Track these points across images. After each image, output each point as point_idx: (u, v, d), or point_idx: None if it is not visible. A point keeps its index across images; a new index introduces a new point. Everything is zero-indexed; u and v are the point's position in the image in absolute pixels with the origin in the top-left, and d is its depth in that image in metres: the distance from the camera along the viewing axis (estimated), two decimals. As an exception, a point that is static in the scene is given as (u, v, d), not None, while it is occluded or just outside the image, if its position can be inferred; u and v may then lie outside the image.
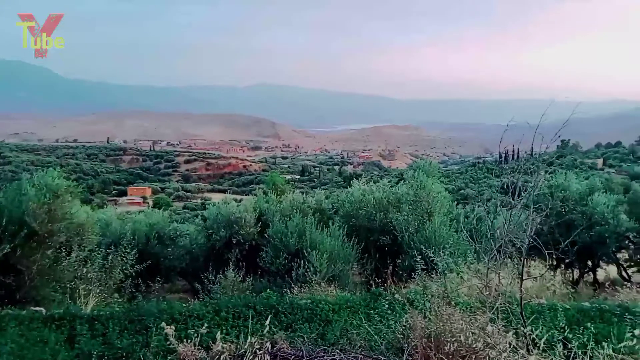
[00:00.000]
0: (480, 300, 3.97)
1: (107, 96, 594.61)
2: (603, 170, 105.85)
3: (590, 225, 10.82)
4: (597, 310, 6.40)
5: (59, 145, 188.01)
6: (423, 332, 3.33)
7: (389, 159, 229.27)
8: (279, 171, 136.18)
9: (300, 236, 10.01)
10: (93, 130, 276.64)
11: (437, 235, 9.50)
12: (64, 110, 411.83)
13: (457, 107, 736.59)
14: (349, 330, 4.24)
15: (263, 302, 6.05)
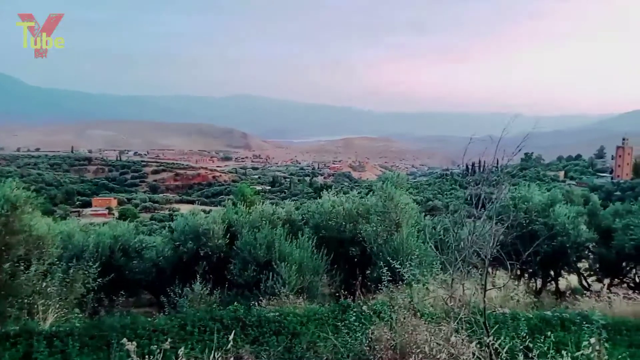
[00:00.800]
0: (445, 310, 4.02)
1: (74, 104, 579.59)
2: (564, 182, 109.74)
3: (552, 235, 11.12)
4: (558, 318, 6.58)
5: (20, 155, 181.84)
6: (388, 343, 3.35)
7: (359, 170, 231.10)
8: (249, 182, 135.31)
9: (269, 248, 9.92)
10: (57, 139, 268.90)
11: (404, 246, 9.60)
12: (27, 118, 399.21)
13: (426, 119, 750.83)
14: (316, 343, 4.22)
15: (230, 315, 5.97)
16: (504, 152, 4.25)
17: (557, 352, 3.46)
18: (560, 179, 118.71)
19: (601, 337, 3.63)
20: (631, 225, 10.77)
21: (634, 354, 5.66)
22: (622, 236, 10.94)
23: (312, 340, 4.62)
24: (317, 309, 6.35)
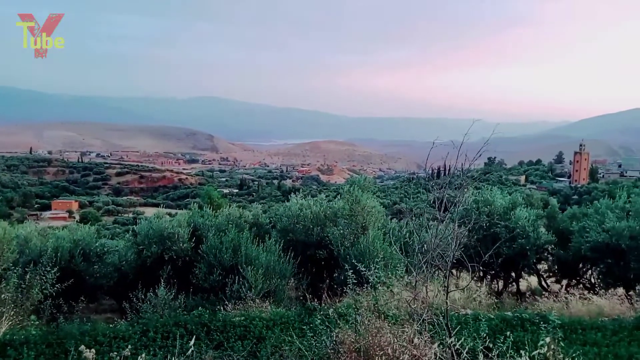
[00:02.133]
0: (409, 312, 4.08)
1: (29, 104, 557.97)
2: (525, 186, 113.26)
3: (513, 238, 11.44)
4: (518, 319, 6.78)
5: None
6: (352, 346, 3.37)
7: (328, 173, 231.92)
8: (216, 185, 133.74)
9: (235, 251, 9.82)
10: (14, 140, 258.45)
11: (371, 249, 9.68)
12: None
13: (392, 124, 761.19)
14: (281, 347, 4.21)
15: (195, 321, 5.88)
16: (465, 157, 4.35)
17: (516, 351, 3.56)
18: (521, 183, 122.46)
19: (557, 336, 3.75)
20: (587, 228, 11.17)
21: (588, 351, 5.89)
22: (578, 238, 11.34)
23: (277, 345, 4.60)
24: (283, 312, 6.33)
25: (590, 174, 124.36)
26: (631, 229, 10.22)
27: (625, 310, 8.10)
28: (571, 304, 8.60)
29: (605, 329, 6.95)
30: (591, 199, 36.65)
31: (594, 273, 11.97)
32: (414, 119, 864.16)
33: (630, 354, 5.94)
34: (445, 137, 5.05)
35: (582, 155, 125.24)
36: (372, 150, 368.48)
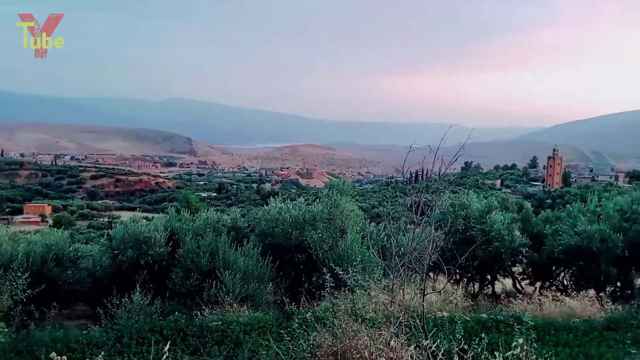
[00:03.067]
0: (386, 315, 4.11)
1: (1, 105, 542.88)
2: (501, 190, 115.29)
3: (488, 241, 11.63)
4: (493, 321, 6.90)
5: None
6: (330, 349, 3.37)
7: (307, 177, 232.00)
8: (194, 188, 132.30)
9: (213, 255, 9.74)
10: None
11: (349, 253, 9.71)
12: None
13: (371, 128, 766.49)
14: (258, 352, 4.18)
15: (171, 326, 5.80)
16: (442, 161, 4.42)
17: (491, 353, 3.62)
18: (497, 187, 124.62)
19: (530, 337, 3.83)
20: (560, 231, 11.42)
21: (560, 352, 6.04)
22: (551, 241, 11.59)
23: (255, 349, 4.57)
24: (261, 317, 6.30)
25: (563, 178, 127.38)
26: (602, 232, 10.49)
27: (595, 312, 8.30)
28: (544, 306, 8.78)
29: (576, 330, 7.13)
30: (564, 202, 37.52)
31: (566, 275, 12.23)
32: (393, 123, 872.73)
33: (601, 353, 6.10)
34: (423, 142, 5.12)
35: (555, 160, 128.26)
36: (352, 154, 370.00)
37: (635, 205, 11.38)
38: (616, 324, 7.26)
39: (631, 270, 11.17)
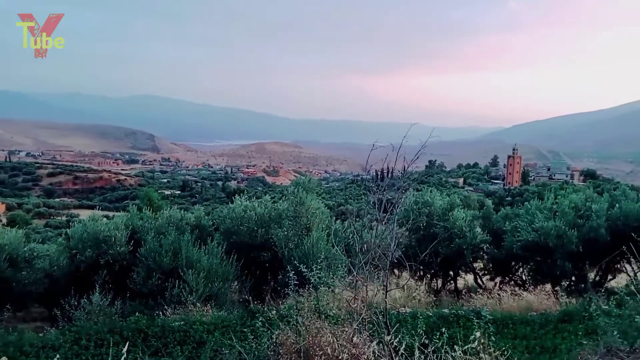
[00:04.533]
0: (350, 312, 4.14)
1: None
2: (463, 188, 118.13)
3: (451, 238, 11.88)
4: (454, 315, 7.06)
5: None
6: (293, 347, 3.37)
7: (273, 175, 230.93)
8: (157, 186, 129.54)
9: (176, 254, 9.55)
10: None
11: (314, 250, 9.73)
12: None
13: (337, 127, 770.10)
14: (221, 351, 4.13)
15: (131, 327, 5.66)
16: (404, 159, 4.48)
17: (451, 347, 3.70)
18: (460, 185, 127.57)
19: (489, 331, 3.94)
20: (518, 228, 11.78)
21: (517, 345, 6.24)
22: (511, 238, 11.94)
23: (218, 348, 4.51)
24: (225, 316, 6.23)
25: (523, 176, 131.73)
26: (557, 228, 10.89)
27: (551, 305, 8.62)
28: (503, 300, 9.05)
29: (533, 323, 7.38)
30: (523, 200, 38.80)
31: (524, 270, 12.61)
32: (358, 122, 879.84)
33: (555, 345, 6.34)
34: (390, 140, 5.17)
35: (514, 159, 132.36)
36: (318, 152, 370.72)
37: (588, 202, 11.86)
38: (570, 317, 7.56)
39: (585, 265, 11.64)
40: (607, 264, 11.49)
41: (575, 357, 4.09)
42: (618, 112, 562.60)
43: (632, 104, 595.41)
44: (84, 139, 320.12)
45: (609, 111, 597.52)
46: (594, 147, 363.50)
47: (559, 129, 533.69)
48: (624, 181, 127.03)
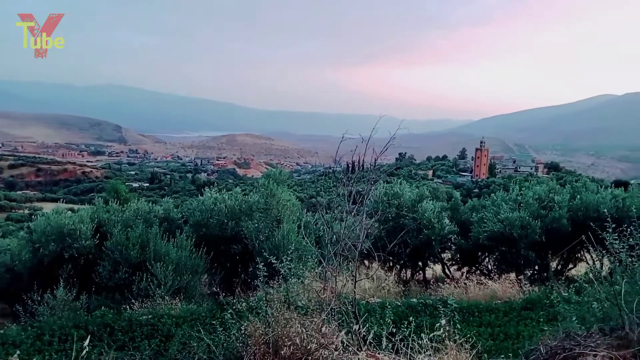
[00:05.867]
0: (319, 302, 4.17)
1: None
2: (433, 180, 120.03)
3: (420, 229, 12.08)
4: (422, 305, 7.20)
5: None
6: (261, 338, 3.37)
7: (244, 167, 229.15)
8: (124, 178, 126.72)
9: (143, 248, 9.39)
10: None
11: (285, 242, 9.74)
12: None
13: (309, 119, 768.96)
14: (189, 344, 4.10)
15: (97, 321, 5.54)
16: (373, 151, 4.52)
17: (418, 335, 3.78)
18: (429, 178, 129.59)
19: (455, 319, 4.04)
20: (485, 219, 12.07)
21: (482, 332, 6.42)
22: (477, 228, 12.23)
23: (186, 341, 4.47)
24: (194, 309, 6.18)
25: (490, 169, 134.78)
26: (522, 219, 11.22)
27: (515, 293, 8.90)
28: (470, 289, 9.28)
29: (498, 311, 7.60)
30: (490, 192, 39.77)
31: (490, 260, 12.95)
32: (330, 114, 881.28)
33: (518, 332, 6.55)
34: (360, 132, 5.20)
35: (482, 152, 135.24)
36: (290, 144, 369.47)
37: (551, 194, 12.25)
38: (533, 304, 7.82)
39: (547, 254, 12.04)
40: (568, 253, 11.91)
41: (537, 342, 4.23)
42: (581, 106, 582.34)
43: (594, 98, 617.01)
44: (46, 129, 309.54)
45: (574, 105, 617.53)
46: (559, 140, 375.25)
47: (526, 122, 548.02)
48: (585, 174, 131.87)
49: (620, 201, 11.34)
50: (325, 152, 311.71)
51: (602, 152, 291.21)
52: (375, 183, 5.19)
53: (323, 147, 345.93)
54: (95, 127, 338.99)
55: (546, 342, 4.09)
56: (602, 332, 3.99)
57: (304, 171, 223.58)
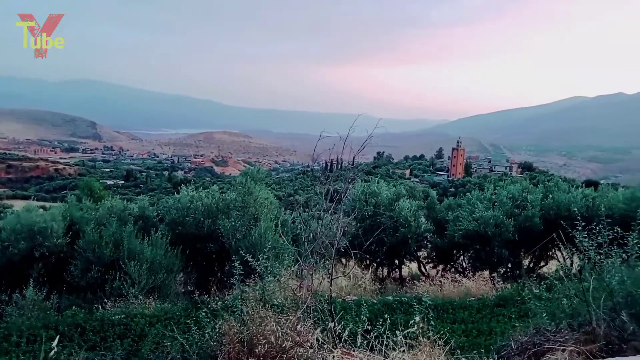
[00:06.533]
0: (295, 300, 4.17)
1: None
2: (410, 179, 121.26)
3: (396, 227, 12.19)
4: (397, 302, 7.27)
5: None
6: (236, 336, 3.35)
7: (222, 165, 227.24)
8: (99, 176, 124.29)
9: (117, 246, 9.21)
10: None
11: (262, 240, 9.69)
12: None
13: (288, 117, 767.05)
14: (163, 343, 4.05)
15: (67, 321, 5.42)
16: (351, 149, 4.54)
17: (392, 332, 3.81)
18: (406, 177, 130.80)
19: (429, 316, 4.09)
20: (460, 218, 12.25)
21: (456, 329, 6.52)
22: (453, 227, 12.40)
23: (160, 341, 4.41)
24: (168, 308, 6.10)
25: (466, 168, 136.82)
26: (496, 217, 11.42)
27: (488, 290, 9.06)
28: (444, 287, 9.42)
29: (471, 308, 7.73)
30: (465, 191, 40.38)
31: (465, 258, 13.14)
32: (309, 112, 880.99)
33: (491, 328, 6.68)
34: (338, 131, 5.20)
35: (458, 152, 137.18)
36: (269, 142, 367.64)
37: (525, 193, 12.50)
38: (505, 301, 7.98)
39: (520, 252, 12.29)
40: (540, 251, 12.17)
41: (508, 338, 4.32)
42: (554, 107, 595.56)
43: (566, 100, 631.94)
44: (17, 125, 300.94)
45: (547, 106, 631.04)
46: (532, 140, 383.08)
47: (501, 122, 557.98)
48: (557, 173, 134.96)
49: (590, 200, 11.65)
50: (304, 151, 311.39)
51: (574, 153, 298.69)
52: (352, 181, 5.21)
53: (302, 145, 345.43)
54: (69, 123, 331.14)
55: (517, 337, 4.17)
56: (570, 328, 4.09)
57: (282, 169, 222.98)
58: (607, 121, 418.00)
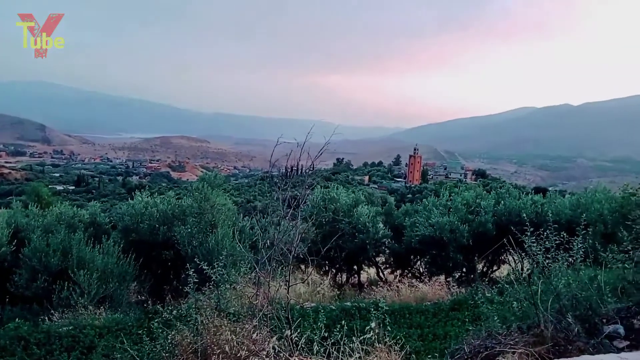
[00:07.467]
0: (251, 308, 4.11)
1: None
2: (368, 185, 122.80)
3: (354, 233, 12.28)
4: (355, 308, 7.31)
5: None
6: (190, 347, 3.26)
7: (179, 170, 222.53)
8: (48, 181, 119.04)
9: (65, 254, 8.81)
10: None
11: (219, 247, 9.53)
12: None
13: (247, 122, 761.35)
14: (113, 355, 3.89)
15: (9, 334, 5.13)
16: (308, 155, 4.54)
17: (349, 338, 3.82)
18: (365, 183, 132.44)
19: (386, 321, 4.12)
20: (417, 223, 12.48)
21: (412, 333, 6.62)
22: (410, 232, 12.61)
23: (109, 353, 4.23)
24: (119, 318, 5.87)
25: (422, 175, 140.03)
26: (451, 223, 11.71)
27: (444, 295, 9.26)
28: (402, 292, 9.55)
29: (427, 312, 7.87)
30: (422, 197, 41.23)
31: (421, 263, 13.40)
32: (268, 118, 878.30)
33: (446, 332, 6.82)
34: (296, 137, 5.19)
35: (415, 159, 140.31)
36: (227, 148, 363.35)
37: (478, 199, 12.89)
38: (459, 305, 8.17)
39: (474, 257, 12.63)
40: (492, 256, 12.56)
41: (462, 342, 4.42)
42: (505, 117, 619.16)
43: (517, 110, 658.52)
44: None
45: (498, 116, 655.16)
46: (485, 148, 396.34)
47: (454, 131, 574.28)
48: (509, 180, 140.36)
49: (539, 207, 12.13)
50: (263, 156, 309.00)
51: (524, 161, 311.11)
52: (311, 188, 5.21)
53: (262, 151, 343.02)
54: (16, 125, 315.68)
55: (470, 341, 4.27)
56: (520, 331, 4.23)
57: (241, 175, 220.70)
58: (555, 130, 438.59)
